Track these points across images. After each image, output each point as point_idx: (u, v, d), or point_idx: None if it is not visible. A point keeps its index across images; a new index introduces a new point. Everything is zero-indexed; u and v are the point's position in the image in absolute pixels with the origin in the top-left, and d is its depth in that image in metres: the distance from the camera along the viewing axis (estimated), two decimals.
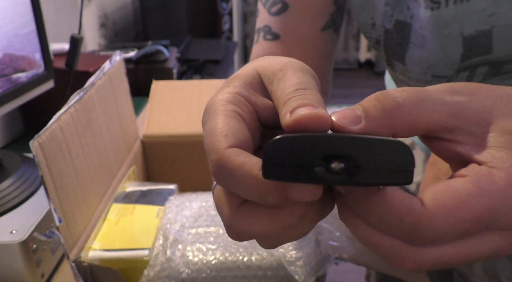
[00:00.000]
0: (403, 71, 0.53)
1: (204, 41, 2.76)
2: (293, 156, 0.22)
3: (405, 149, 0.22)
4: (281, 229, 0.26)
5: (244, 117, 0.28)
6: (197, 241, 0.50)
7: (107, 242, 0.50)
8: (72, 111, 0.51)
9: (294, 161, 0.22)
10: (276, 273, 0.48)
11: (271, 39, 0.56)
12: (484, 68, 0.46)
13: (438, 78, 0.49)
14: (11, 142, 1.03)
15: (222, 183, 0.26)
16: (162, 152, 0.78)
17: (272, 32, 0.56)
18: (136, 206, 0.57)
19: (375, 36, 0.52)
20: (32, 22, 0.81)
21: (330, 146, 0.22)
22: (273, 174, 0.22)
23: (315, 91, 0.27)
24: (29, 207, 0.62)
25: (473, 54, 0.45)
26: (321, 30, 0.56)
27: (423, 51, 0.48)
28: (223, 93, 0.29)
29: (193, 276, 0.47)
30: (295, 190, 0.23)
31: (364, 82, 3.82)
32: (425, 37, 0.47)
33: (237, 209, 0.26)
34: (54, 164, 0.46)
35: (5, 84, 0.74)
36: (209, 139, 0.26)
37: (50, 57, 0.87)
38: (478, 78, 0.47)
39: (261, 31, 0.57)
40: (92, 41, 1.70)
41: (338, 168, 0.22)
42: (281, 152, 0.22)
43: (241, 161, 0.25)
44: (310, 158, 0.22)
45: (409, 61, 0.50)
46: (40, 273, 0.58)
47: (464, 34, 0.44)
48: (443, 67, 0.48)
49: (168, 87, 0.84)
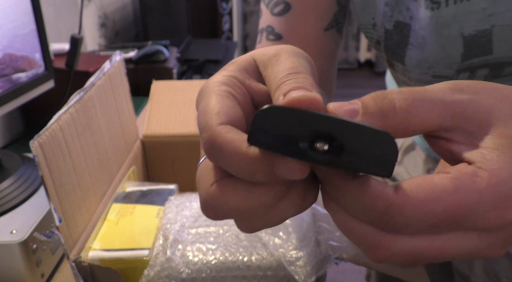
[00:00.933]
0: (403, 71, 0.53)
1: (204, 41, 2.76)
2: (281, 127, 0.22)
3: (390, 141, 0.22)
4: (256, 206, 0.25)
5: (237, 98, 0.28)
6: (197, 241, 0.50)
7: (107, 242, 0.50)
8: (72, 111, 0.51)
9: (280, 131, 0.22)
10: (276, 273, 0.48)
11: (274, 39, 0.56)
12: (484, 71, 0.46)
13: (439, 79, 0.49)
14: (11, 142, 1.03)
15: (213, 160, 0.26)
16: (162, 152, 0.78)
17: (275, 32, 0.56)
18: (136, 206, 0.57)
19: (376, 37, 0.52)
20: (32, 22, 0.81)
21: (318, 123, 0.22)
22: (257, 141, 0.23)
23: (308, 74, 0.27)
24: (29, 207, 0.62)
25: (473, 55, 0.44)
26: (324, 30, 0.56)
27: (423, 52, 0.48)
28: (218, 76, 0.29)
29: (193, 276, 0.47)
30: (282, 165, 0.23)
31: (364, 82, 3.82)
32: (425, 38, 0.47)
33: (216, 183, 0.26)
34: (54, 164, 0.46)
35: (5, 84, 0.74)
36: (202, 117, 0.27)
37: (50, 57, 0.87)
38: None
39: (264, 32, 0.57)
40: (92, 41, 1.70)
41: (322, 149, 0.22)
42: (269, 121, 0.22)
43: (231, 137, 0.25)
44: (297, 131, 0.22)
45: (408, 62, 0.50)
46: (40, 273, 0.58)
47: (465, 34, 0.44)
48: (443, 67, 0.48)
49: (168, 87, 0.84)
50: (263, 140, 0.22)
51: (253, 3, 3.92)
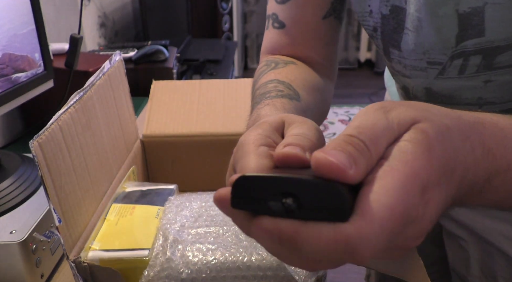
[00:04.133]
0: (399, 59, 0.54)
1: (204, 41, 2.76)
2: (253, 192, 0.27)
3: (338, 192, 0.25)
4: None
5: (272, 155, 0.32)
6: (197, 241, 0.50)
7: (106, 242, 0.50)
8: (71, 111, 0.51)
9: (253, 196, 0.27)
10: (276, 273, 0.47)
11: (278, 27, 0.62)
12: (477, 58, 0.47)
13: (433, 65, 0.50)
14: (11, 142, 1.03)
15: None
16: (162, 152, 0.78)
17: (279, 20, 0.62)
18: (136, 206, 0.56)
19: (372, 24, 0.54)
20: (32, 22, 0.81)
21: (279, 186, 0.26)
22: (238, 205, 0.28)
23: (308, 137, 0.32)
24: (29, 207, 0.62)
25: (467, 36, 0.46)
26: (322, 18, 0.61)
27: (418, 36, 0.49)
28: (254, 134, 0.34)
29: (193, 276, 0.47)
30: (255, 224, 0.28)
31: (364, 82, 3.82)
32: (421, 20, 0.48)
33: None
34: (54, 164, 0.46)
35: (5, 84, 0.74)
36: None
37: (50, 57, 0.86)
38: (471, 70, 0.48)
39: (270, 19, 0.63)
40: (92, 41, 1.70)
41: (287, 204, 0.26)
42: (244, 188, 0.27)
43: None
44: (264, 194, 0.27)
45: (404, 47, 0.51)
46: (40, 273, 0.58)
47: (459, 11, 0.45)
48: (438, 52, 0.49)
49: (168, 87, 0.84)
50: (242, 204, 0.28)
51: (253, 3, 3.92)
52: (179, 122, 0.77)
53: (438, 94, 0.53)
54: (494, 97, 0.50)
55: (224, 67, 2.32)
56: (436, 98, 0.54)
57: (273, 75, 0.56)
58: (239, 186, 0.27)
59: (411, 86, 0.56)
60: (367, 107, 0.30)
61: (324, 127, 3.07)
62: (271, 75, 0.56)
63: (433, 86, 0.53)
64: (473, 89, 0.50)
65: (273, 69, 0.58)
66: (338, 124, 3.12)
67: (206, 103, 0.80)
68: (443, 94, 0.53)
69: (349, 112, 3.27)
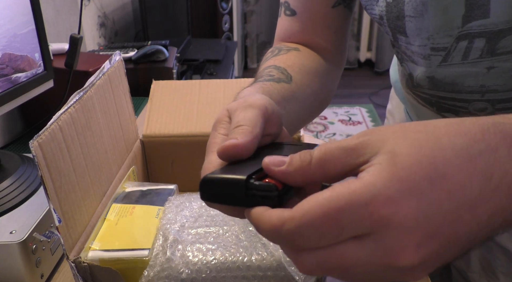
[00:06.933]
0: (406, 45, 0.55)
1: (204, 41, 2.76)
2: (214, 188, 0.35)
3: (241, 185, 0.32)
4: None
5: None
6: (197, 242, 0.50)
7: (106, 242, 0.50)
8: (71, 111, 0.51)
9: (215, 191, 0.35)
10: (276, 273, 0.47)
11: (290, 15, 0.66)
12: (481, 42, 0.48)
13: (437, 52, 0.50)
14: (10, 142, 1.03)
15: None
16: (162, 152, 0.77)
17: (290, 8, 0.66)
18: (136, 206, 0.56)
19: (379, 12, 0.55)
20: (32, 22, 0.81)
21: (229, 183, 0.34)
22: (205, 198, 0.36)
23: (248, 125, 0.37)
24: (29, 207, 0.62)
25: (473, 17, 0.46)
26: (332, 7, 0.64)
27: (423, 21, 0.50)
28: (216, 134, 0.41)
29: (193, 276, 0.47)
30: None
31: (364, 82, 3.82)
32: (426, 4, 0.49)
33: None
34: (54, 164, 0.46)
35: (5, 84, 0.74)
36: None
37: (50, 57, 0.86)
38: (475, 54, 0.48)
39: (282, 6, 0.67)
40: (92, 41, 1.70)
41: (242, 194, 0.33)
42: (208, 186, 0.35)
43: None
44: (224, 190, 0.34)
45: (410, 32, 0.53)
46: (40, 273, 0.58)
47: None
48: (443, 35, 0.50)
49: (168, 87, 0.84)
50: (209, 197, 0.36)
51: (253, 3, 3.92)
52: (179, 122, 0.77)
53: (441, 82, 0.53)
54: (496, 84, 0.50)
55: (224, 67, 2.33)
56: (439, 87, 0.54)
57: (272, 61, 0.60)
58: (203, 184, 0.35)
59: (415, 73, 0.56)
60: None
61: (324, 127, 3.07)
62: (270, 61, 0.61)
63: (436, 74, 0.53)
64: (476, 76, 0.50)
65: (275, 56, 0.62)
66: (338, 124, 3.12)
67: (206, 103, 0.80)
68: (445, 82, 0.53)
69: (349, 112, 3.27)
